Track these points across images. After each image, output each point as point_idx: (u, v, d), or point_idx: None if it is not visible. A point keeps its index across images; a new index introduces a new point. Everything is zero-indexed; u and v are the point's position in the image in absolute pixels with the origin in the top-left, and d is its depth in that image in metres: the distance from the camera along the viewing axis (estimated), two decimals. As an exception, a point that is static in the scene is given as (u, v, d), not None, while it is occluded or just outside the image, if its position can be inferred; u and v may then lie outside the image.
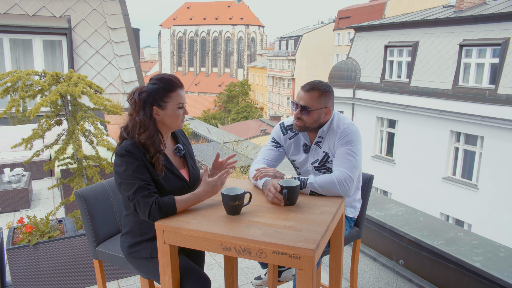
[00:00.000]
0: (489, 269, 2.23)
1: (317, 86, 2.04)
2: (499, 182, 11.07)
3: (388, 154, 15.07)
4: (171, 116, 1.85)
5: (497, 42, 11.41)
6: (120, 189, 1.81)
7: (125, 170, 1.76)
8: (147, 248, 1.90)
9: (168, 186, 1.84)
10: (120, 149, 1.79)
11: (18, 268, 2.78)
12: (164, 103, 1.82)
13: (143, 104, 1.81)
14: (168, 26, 79.54)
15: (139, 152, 1.79)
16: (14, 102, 2.84)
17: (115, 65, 9.12)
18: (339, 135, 2.06)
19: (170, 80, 1.84)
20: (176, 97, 1.84)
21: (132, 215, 1.90)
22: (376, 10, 31.26)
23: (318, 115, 2.06)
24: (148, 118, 1.81)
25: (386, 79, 15.13)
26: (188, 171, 1.99)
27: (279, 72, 46.39)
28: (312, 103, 2.03)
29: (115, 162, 1.82)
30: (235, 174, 4.45)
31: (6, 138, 5.80)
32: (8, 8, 8.39)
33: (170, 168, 1.88)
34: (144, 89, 1.83)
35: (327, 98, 2.06)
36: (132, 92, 1.85)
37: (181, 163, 2.00)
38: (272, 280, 2.43)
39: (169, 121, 1.86)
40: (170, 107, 1.83)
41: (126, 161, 1.77)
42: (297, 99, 2.07)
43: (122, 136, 1.86)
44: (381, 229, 2.96)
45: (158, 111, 1.83)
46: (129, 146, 1.79)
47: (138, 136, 1.80)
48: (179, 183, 1.90)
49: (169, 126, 1.89)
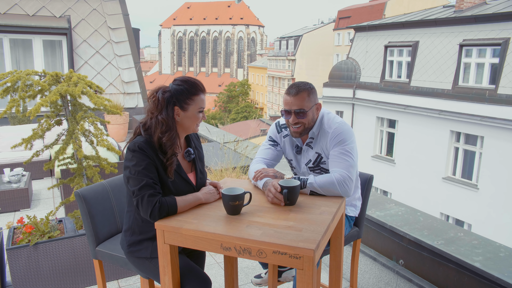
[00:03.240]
0: (489, 269, 2.23)
1: (302, 87, 2.04)
2: (499, 182, 11.07)
3: (388, 154, 15.07)
4: (191, 119, 1.86)
5: (497, 42, 11.41)
6: (128, 183, 1.81)
7: (135, 165, 1.76)
8: (147, 248, 1.90)
9: (174, 189, 1.84)
10: (133, 144, 1.79)
11: (18, 268, 2.77)
12: (187, 105, 1.83)
13: (166, 103, 1.81)
14: (168, 26, 79.55)
15: (152, 151, 1.79)
16: (14, 102, 2.84)
17: (115, 65, 9.12)
18: (330, 135, 2.06)
19: (195, 83, 1.86)
20: (199, 100, 1.86)
21: (134, 212, 1.90)
22: (376, 10, 31.26)
23: (312, 114, 2.08)
24: (171, 118, 1.82)
25: (386, 79, 15.13)
26: (195, 176, 1.99)
27: (279, 72, 46.40)
28: (305, 104, 2.03)
29: (126, 156, 1.82)
30: (235, 174, 4.45)
31: (6, 138, 5.80)
32: (8, 8, 8.40)
33: (179, 171, 1.88)
34: (167, 89, 1.84)
35: (314, 95, 2.08)
36: (155, 90, 1.85)
37: (190, 166, 2.00)
38: (272, 280, 2.43)
39: (188, 124, 1.87)
40: (191, 110, 1.84)
41: (137, 157, 1.77)
42: (288, 106, 2.05)
43: (138, 132, 1.86)
44: (381, 229, 2.96)
45: (179, 112, 1.84)
46: (143, 143, 1.79)
47: (160, 135, 1.80)
48: (186, 187, 1.90)
49: (187, 129, 1.90)
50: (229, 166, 4.53)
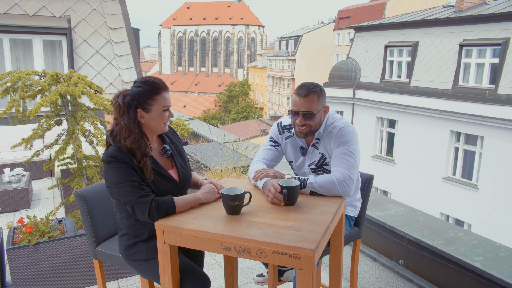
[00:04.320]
0: (489, 269, 2.23)
1: (312, 88, 2.02)
2: (499, 182, 11.07)
3: (388, 154, 15.07)
4: (156, 119, 1.83)
5: (497, 42, 11.41)
6: (114, 195, 1.81)
7: (115, 175, 1.75)
8: (143, 250, 1.89)
9: (157, 189, 1.83)
10: (106, 156, 1.78)
11: (18, 268, 2.78)
12: (149, 106, 1.81)
13: (127, 107, 1.79)
14: (168, 26, 79.52)
15: (126, 157, 1.77)
16: (14, 102, 2.84)
17: (115, 65, 9.12)
18: (335, 136, 2.06)
19: (154, 82, 1.82)
20: (161, 99, 1.82)
21: (126, 217, 1.89)
22: (376, 10, 31.25)
23: (319, 116, 2.06)
24: (132, 121, 1.79)
25: (386, 79, 15.13)
26: (177, 171, 1.97)
27: (279, 72, 46.39)
28: (314, 106, 2.01)
29: (104, 169, 1.81)
30: (235, 174, 4.45)
31: (6, 138, 5.80)
32: (8, 8, 8.39)
33: (158, 170, 1.86)
34: (128, 92, 1.81)
35: (323, 97, 2.06)
36: (116, 95, 1.83)
37: (169, 163, 1.98)
38: (272, 280, 2.43)
39: (154, 124, 1.85)
40: (155, 110, 1.82)
41: (114, 167, 1.76)
42: (296, 107, 2.03)
43: (108, 142, 1.85)
44: (381, 229, 2.96)
45: (143, 114, 1.81)
46: (115, 152, 1.77)
47: (123, 140, 1.78)
48: (169, 184, 1.89)
49: (154, 129, 1.87)
50: (229, 166, 4.53)
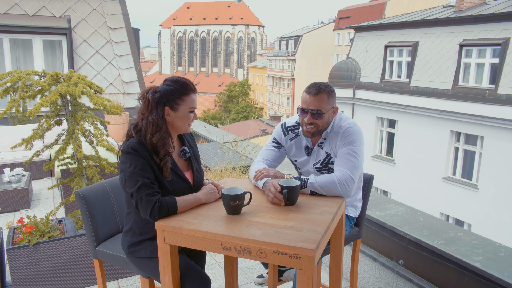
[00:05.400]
0: (489, 269, 2.23)
1: (323, 88, 2.03)
2: (499, 182, 11.07)
3: (388, 154, 15.07)
4: (182, 119, 1.86)
5: (497, 42, 11.41)
6: (125, 186, 1.81)
7: (130, 167, 1.77)
8: (147, 248, 1.90)
9: (171, 188, 1.85)
10: (126, 146, 1.80)
11: (18, 268, 2.77)
12: (177, 105, 1.83)
13: (156, 104, 1.82)
14: (168, 26, 79.52)
15: (146, 152, 1.79)
16: (14, 102, 2.84)
17: (115, 65, 9.11)
18: (341, 135, 2.06)
19: (185, 83, 1.85)
20: (189, 100, 1.85)
21: (134, 213, 1.90)
22: (376, 10, 31.25)
23: (328, 116, 2.06)
24: (161, 118, 1.82)
25: (386, 79, 15.12)
26: (192, 174, 1.99)
27: (279, 72, 46.38)
28: (323, 105, 2.02)
29: (120, 159, 1.82)
30: (235, 174, 4.45)
31: (6, 138, 5.80)
32: (8, 8, 8.39)
33: (175, 170, 1.89)
34: (157, 89, 1.84)
35: (333, 97, 2.07)
36: (145, 91, 1.85)
37: (186, 165, 2.00)
38: (272, 280, 2.43)
39: (179, 124, 1.87)
40: (182, 110, 1.85)
41: (132, 159, 1.77)
42: (306, 105, 2.03)
43: (130, 134, 1.86)
44: (381, 229, 2.96)
45: (170, 112, 1.84)
46: (136, 144, 1.79)
47: (150, 136, 1.80)
48: (183, 185, 1.90)
49: (178, 129, 1.90)
50: (229, 166, 4.53)
